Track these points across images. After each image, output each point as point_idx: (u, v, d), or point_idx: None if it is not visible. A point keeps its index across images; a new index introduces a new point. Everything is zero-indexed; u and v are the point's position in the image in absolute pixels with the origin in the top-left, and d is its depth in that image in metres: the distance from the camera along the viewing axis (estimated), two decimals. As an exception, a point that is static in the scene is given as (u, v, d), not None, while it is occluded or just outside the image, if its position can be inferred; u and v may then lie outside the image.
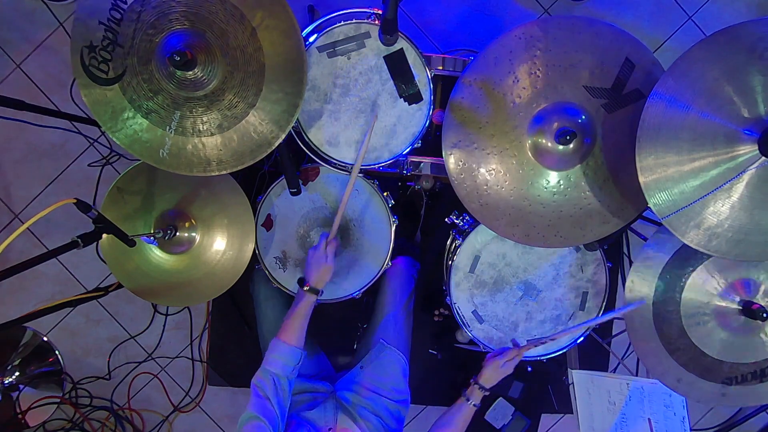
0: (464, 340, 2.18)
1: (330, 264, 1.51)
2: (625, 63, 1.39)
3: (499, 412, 2.16)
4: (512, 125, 1.44)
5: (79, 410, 2.40)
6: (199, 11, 1.29)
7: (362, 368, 1.70)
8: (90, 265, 2.37)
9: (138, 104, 1.33)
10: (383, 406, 1.61)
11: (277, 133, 1.35)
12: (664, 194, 1.25)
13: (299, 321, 1.47)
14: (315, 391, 1.63)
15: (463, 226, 1.78)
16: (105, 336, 2.43)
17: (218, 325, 2.38)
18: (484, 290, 1.72)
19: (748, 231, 1.24)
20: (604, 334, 2.30)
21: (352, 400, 1.60)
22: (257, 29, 1.30)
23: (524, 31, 1.40)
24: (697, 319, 1.51)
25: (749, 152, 1.18)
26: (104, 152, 2.32)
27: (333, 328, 2.28)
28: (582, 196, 1.46)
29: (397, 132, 1.57)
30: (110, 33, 1.29)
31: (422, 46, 1.55)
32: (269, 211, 1.73)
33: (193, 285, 1.68)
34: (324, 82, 1.54)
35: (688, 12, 2.38)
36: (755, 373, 1.52)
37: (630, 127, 1.34)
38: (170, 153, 1.36)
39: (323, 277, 1.50)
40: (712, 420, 2.58)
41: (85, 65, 1.29)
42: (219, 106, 1.34)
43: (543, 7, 2.36)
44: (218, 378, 2.41)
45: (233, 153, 1.37)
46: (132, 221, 1.65)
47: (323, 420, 1.50)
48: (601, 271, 1.71)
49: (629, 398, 1.74)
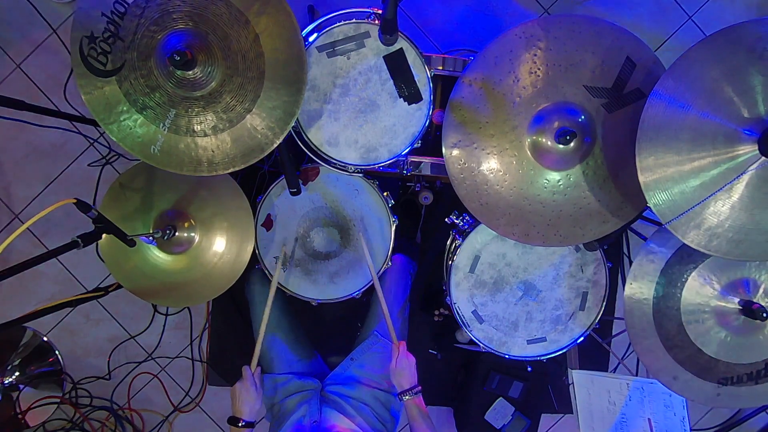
0: (464, 340, 2.18)
1: (261, 390, 1.51)
2: (626, 62, 1.39)
3: (499, 412, 2.16)
4: (512, 125, 1.44)
5: (79, 410, 2.40)
6: (203, 12, 1.29)
7: (353, 360, 1.70)
8: (90, 265, 2.37)
9: (133, 99, 1.33)
10: (373, 396, 1.62)
11: (271, 139, 1.35)
12: (664, 194, 1.25)
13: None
14: (303, 390, 1.64)
15: (463, 226, 1.78)
16: (105, 336, 2.43)
17: (218, 325, 2.38)
18: (484, 290, 1.72)
19: (749, 231, 1.24)
20: (604, 334, 2.30)
21: (340, 392, 1.61)
22: (261, 35, 1.30)
23: (524, 31, 1.40)
24: (697, 317, 1.50)
25: (749, 152, 1.18)
26: (104, 152, 2.32)
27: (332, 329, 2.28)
28: (582, 196, 1.46)
29: (396, 132, 1.57)
30: (112, 26, 1.28)
31: (422, 46, 1.55)
32: (269, 211, 1.73)
33: (193, 285, 1.68)
34: (324, 81, 1.54)
35: (688, 12, 2.38)
36: (750, 375, 1.52)
37: (630, 126, 1.34)
38: (162, 150, 1.36)
39: (256, 406, 1.49)
40: (712, 420, 2.58)
41: (83, 55, 1.29)
42: (215, 107, 1.34)
43: (543, 7, 2.36)
44: (218, 378, 2.42)
45: (225, 155, 1.36)
46: (131, 221, 1.65)
47: (308, 416, 1.51)
48: (601, 271, 1.71)
49: (629, 398, 1.74)
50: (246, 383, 1.48)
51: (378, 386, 1.65)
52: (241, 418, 1.46)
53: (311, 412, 1.52)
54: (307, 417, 1.51)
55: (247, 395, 1.47)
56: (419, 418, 1.47)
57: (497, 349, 1.73)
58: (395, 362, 1.51)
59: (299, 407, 1.56)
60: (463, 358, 2.34)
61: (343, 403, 1.58)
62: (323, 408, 1.55)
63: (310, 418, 1.51)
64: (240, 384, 1.49)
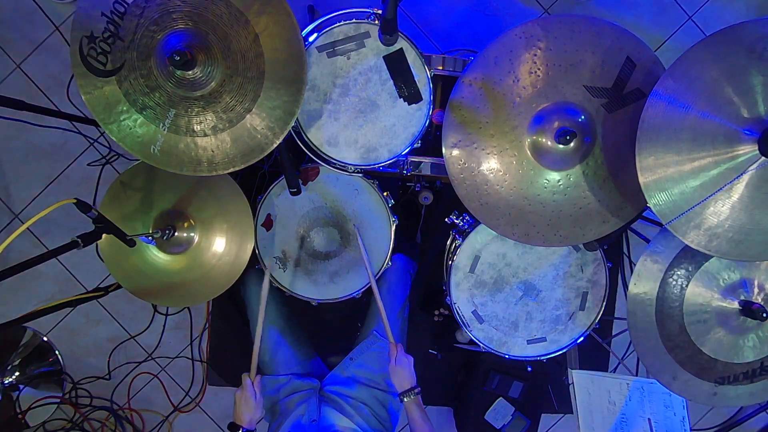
0: (464, 340, 2.18)
1: (261, 399, 1.51)
2: (626, 62, 1.39)
3: (499, 412, 2.16)
4: (512, 125, 1.44)
5: (79, 410, 2.40)
6: (203, 12, 1.29)
7: (352, 360, 1.71)
8: (90, 265, 2.37)
9: (133, 99, 1.33)
10: (372, 396, 1.62)
11: (271, 139, 1.35)
12: (664, 194, 1.25)
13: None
14: (302, 389, 1.64)
15: (463, 226, 1.78)
16: (105, 336, 2.42)
17: (218, 325, 2.38)
18: (484, 290, 1.72)
19: (749, 231, 1.24)
20: (604, 334, 2.30)
21: (339, 392, 1.61)
22: (260, 35, 1.30)
23: (524, 31, 1.40)
24: (699, 317, 1.50)
25: (749, 152, 1.18)
26: (104, 152, 2.32)
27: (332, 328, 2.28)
28: (582, 196, 1.45)
29: (396, 132, 1.57)
30: (112, 25, 1.28)
31: (422, 46, 1.55)
32: (269, 211, 1.73)
33: (193, 285, 1.68)
34: (323, 81, 1.54)
35: (688, 12, 2.38)
36: (747, 374, 1.52)
37: (630, 127, 1.33)
38: (161, 150, 1.36)
39: (256, 414, 1.49)
40: (712, 420, 2.58)
41: (83, 55, 1.29)
42: (215, 107, 1.34)
43: (543, 7, 2.36)
44: (218, 378, 2.42)
45: (225, 155, 1.36)
46: (131, 221, 1.65)
47: (307, 415, 1.52)
48: (601, 271, 1.71)
49: (629, 398, 1.74)
50: (246, 393, 1.48)
51: (377, 386, 1.65)
52: (240, 426, 1.46)
53: (310, 411, 1.53)
54: (306, 416, 1.51)
55: (246, 405, 1.47)
56: (420, 419, 1.47)
57: (497, 349, 1.73)
58: (394, 363, 1.51)
59: (298, 406, 1.56)
60: (463, 358, 2.33)
61: (342, 402, 1.58)
62: (322, 407, 1.55)
63: (309, 417, 1.51)
64: (239, 393, 1.50)
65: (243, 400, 1.48)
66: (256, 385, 1.51)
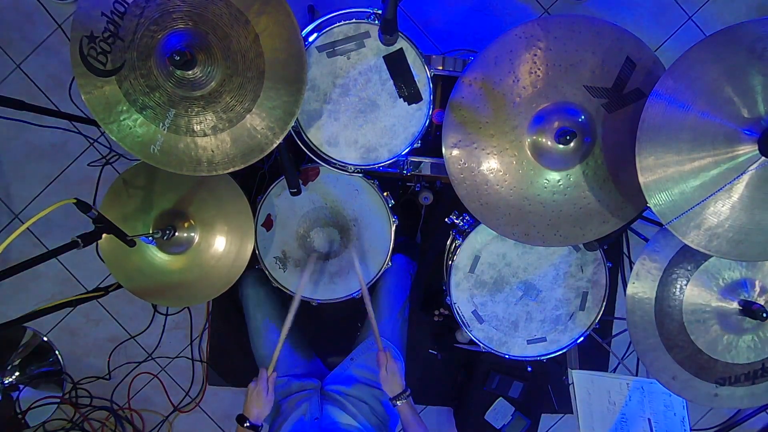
0: (464, 340, 2.17)
1: (272, 397, 1.50)
2: (626, 62, 1.39)
3: (499, 412, 2.16)
4: (512, 125, 1.44)
5: (79, 410, 2.40)
6: (203, 12, 1.29)
7: (353, 360, 1.71)
8: (90, 265, 2.36)
9: (133, 99, 1.33)
10: (372, 395, 1.63)
11: (271, 139, 1.35)
12: (664, 194, 1.25)
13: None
14: (303, 389, 1.65)
15: (463, 226, 1.78)
16: (105, 336, 2.42)
17: (218, 325, 2.38)
18: (484, 290, 1.72)
19: (749, 231, 1.24)
20: (604, 334, 2.30)
21: (339, 390, 1.62)
22: (260, 35, 1.30)
23: (524, 31, 1.40)
24: (698, 317, 1.50)
25: (749, 152, 1.18)
26: (104, 152, 2.32)
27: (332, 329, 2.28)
28: (582, 196, 1.46)
29: (396, 132, 1.57)
30: (112, 25, 1.28)
31: (422, 46, 1.55)
32: (269, 211, 1.73)
33: (193, 285, 1.68)
34: (323, 81, 1.54)
35: (688, 12, 2.38)
36: (747, 375, 1.52)
37: (630, 127, 1.33)
38: (161, 150, 1.36)
39: (264, 411, 1.49)
40: (712, 420, 2.58)
41: (83, 55, 1.29)
42: (215, 107, 1.34)
43: (543, 7, 2.36)
44: (218, 378, 2.41)
45: (225, 155, 1.36)
46: (131, 221, 1.65)
47: (309, 413, 1.52)
48: (601, 271, 1.71)
49: (629, 398, 1.74)
50: (259, 386, 1.49)
51: (377, 385, 1.65)
52: (247, 419, 1.47)
53: (312, 410, 1.53)
54: (308, 414, 1.52)
55: (257, 399, 1.48)
56: (413, 422, 1.49)
57: (497, 349, 1.74)
58: (385, 371, 1.52)
59: (299, 405, 1.56)
60: (463, 358, 2.33)
61: (343, 400, 1.58)
62: (324, 405, 1.55)
63: (311, 415, 1.51)
64: (254, 385, 1.50)
65: (255, 393, 1.49)
66: (271, 381, 1.51)
